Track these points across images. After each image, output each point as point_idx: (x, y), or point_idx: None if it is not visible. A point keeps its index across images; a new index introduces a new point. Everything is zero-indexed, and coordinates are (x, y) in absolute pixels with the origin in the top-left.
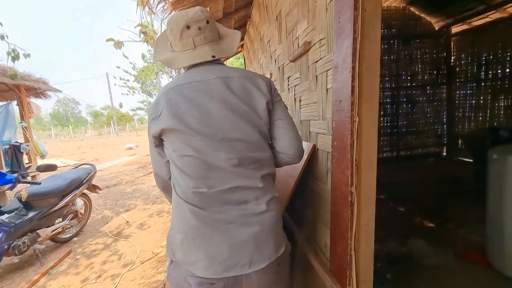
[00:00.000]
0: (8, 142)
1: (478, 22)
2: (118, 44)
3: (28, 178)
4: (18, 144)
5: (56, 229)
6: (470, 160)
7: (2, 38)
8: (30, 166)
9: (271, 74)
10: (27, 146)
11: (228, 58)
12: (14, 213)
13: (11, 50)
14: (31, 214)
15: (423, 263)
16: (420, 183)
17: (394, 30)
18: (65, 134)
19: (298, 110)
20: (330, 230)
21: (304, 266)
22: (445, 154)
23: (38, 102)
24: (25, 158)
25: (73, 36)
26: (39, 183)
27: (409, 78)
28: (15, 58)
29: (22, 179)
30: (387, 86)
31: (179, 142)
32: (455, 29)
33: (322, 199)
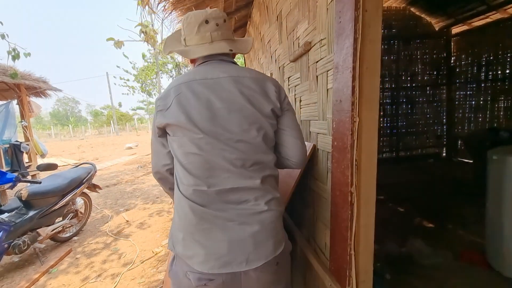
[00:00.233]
0: (8, 141)
1: (478, 22)
2: (118, 43)
3: (28, 177)
4: (18, 143)
5: (56, 228)
6: (469, 161)
7: (3, 37)
8: (30, 165)
9: (271, 74)
10: (27, 145)
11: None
12: (14, 212)
13: (12, 49)
14: (31, 213)
15: (423, 264)
16: (419, 184)
17: (394, 30)
18: (65, 134)
19: (299, 110)
20: (330, 230)
21: (304, 265)
22: (444, 154)
23: (38, 101)
24: (25, 157)
25: (73, 34)
26: (40, 182)
27: (409, 78)
28: (16, 57)
29: (22, 178)
30: (387, 86)
31: (185, 139)
32: (455, 29)
33: (322, 199)
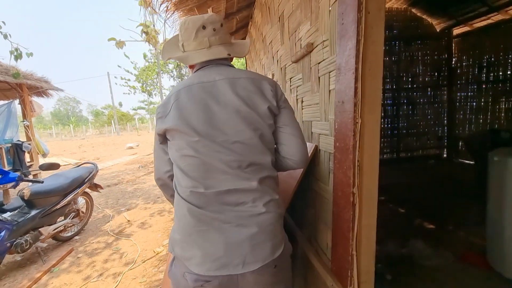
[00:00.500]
0: (10, 140)
1: (479, 24)
2: (120, 43)
3: (30, 177)
4: (20, 142)
5: (58, 227)
6: (470, 162)
7: (5, 37)
8: (31, 165)
9: (273, 75)
10: (29, 144)
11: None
12: (16, 211)
13: (14, 49)
14: (34, 212)
15: (423, 265)
16: (420, 185)
17: (395, 31)
18: (66, 133)
19: (300, 111)
20: (331, 230)
21: (305, 266)
22: (445, 156)
23: (39, 101)
24: (27, 157)
25: (74, 35)
26: (42, 182)
27: (410, 79)
28: (18, 57)
29: (25, 178)
30: (388, 87)
31: (182, 142)
32: (457, 30)
33: (324, 200)
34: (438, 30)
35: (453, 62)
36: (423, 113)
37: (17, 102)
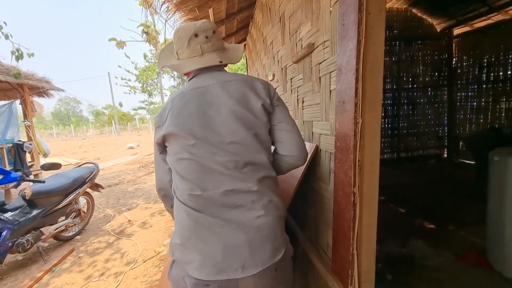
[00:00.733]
0: (11, 140)
1: (480, 24)
2: (120, 44)
3: (31, 177)
4: (21, 142)
5: (59, 227)
6: (471, 162)
7: (7, 37)
8: (32, 165)
9: (274, 75)
10: (30, 144)
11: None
12: (18, 211)
13: (15, 50)
14: (35, 212)
15: (424, 264)
16: (420, 185)
17: (395, 31)
18: (66, 133)
19: (301, 110)
20: (332, 230)
21: (306, 265)
22: (446, 156)
23: (40, 101)
24: (27, 157)
25: (75, 35)
26: (43, 182)
27: (410, 79)
28: (19, 57)
29: (26, 178)
30: (389, 87)
31: (178, 147)
32: (457, 31)
33: (325, 199)
34: (438, 30)
35: (453, 62)
36: (424, 113)
37: (18, 102)
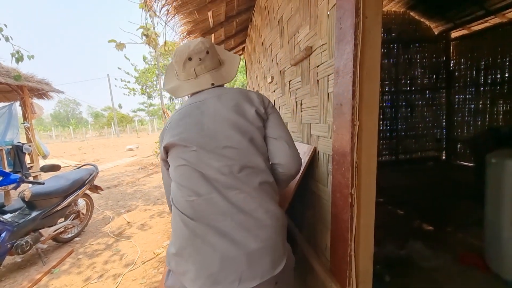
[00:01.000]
0: (10, 142)
1: (477, 27)
2: (120, 45)
3: (30, 178)
4: (20, 144)
5: (58, 228)
6: (469, 163)
7: (7, 39)
8: (32, 166)
9: (272, 78)
10: (30, 146)
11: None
12: (17, 212)
13: (16, 52)
14: (34, 213)
15: (422, 266)
16: (419, 187)
17: (394, 34)
18: (65, 135)
19: (300, 113)
20: (330, 231)
21: (304, 266)
22: (444, 157)
23: (40, 102)
24: (27, 159)
25: (74, 37)
26: (43, 183)
27: (408, 82)
28: (19, 59)
29: (26, 179)
30: (387, 90)
31: (176, 155)
32: (455, 33)
33: (323, 201)
34: (436, 33)
35: (451, 65)
36: (422, 115)
37: (17, 104)
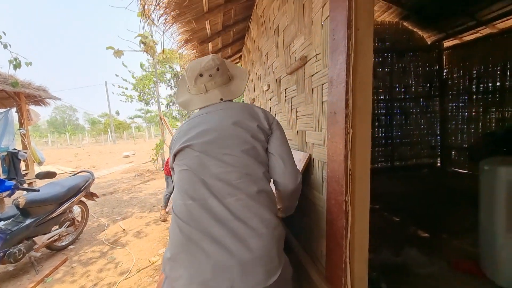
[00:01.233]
0: (6, 149)
1: (469, 37)
2: (118, 53)
3: (24, 185)
4: (16, 151)
5: (52, 236)
6: (464, 171)
7: (5, 47)
8: (27, 173)
9: (269, 86)
10: (25, 153)
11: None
12: (11, 220)
13: (13, 59)
14: (28, 221)
15: (418, 273)
16: (414, 194)
17: (387, 43)
18: (61, 141)
19: (295, 120)
20: (326, 238)
21: (301, 274)
22: (439, 165)
23: (37, 109)
24: (22, 165)
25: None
26: (38, 190)
27: (403, 90)
28: (17, 66)
29: (21, 186)
30: (382, 97)
31: (179, 161)
32: (447, 43)
33: (318, 208)
34: (429, 43)
35: (444, 74)
36: (416, 123)
37: (14, 110)
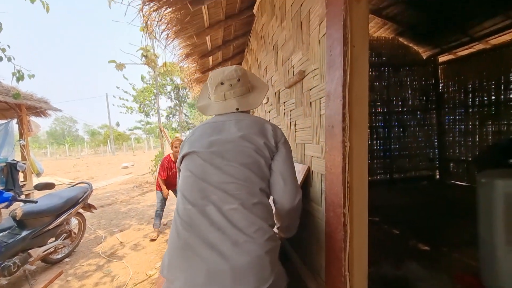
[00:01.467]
0: (4, 160)
1: (463, 52)
2: (120, 66)
3: (22, 197)
4: (15, 162)
5: (48, 249)
6: (463, 183)
7: (9, 59)
8: (25, 185)
9: (268, 99)
10: (24, 164)
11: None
12: (7, 232)
13: (17, 71)
14: (24, 233)
15: (419, 287)
16: (414, 206)
17: (384, 58)
18: (60, 152)
19: (294, 133)
20: (325, 251)
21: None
22: (438, 177)
23: (37, 120)
24: (20, 176)
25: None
26: (36, 202)
27: (400, 103)
28: (20, 78)
29: (18, 198)
30: (379, 110)
31: (185, 166)
32: (442, 58)
33: (317, 220)
34: (424, 57)
35: (440, 87)
36: (414, 135)
37: (14, 121)
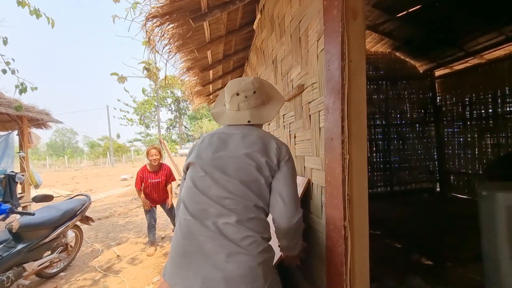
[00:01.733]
0: (3, 171)
1: (459, 66)
2: (122, 79)
3: (19, 209)
4: (13, 173)
5: (43, 263)
6: (463, 196)
7: (13, 72)
8: (22, 196)
9: None
10: (22, 176)
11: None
12: (2, 245)
13: (20, 84)
14: (20, 246)
15: None
16: (415, 219)
17: (382, 72)
18: (59, 164)
19: (293, 146)
20: (326, 265)
21: None
22: (438, 189)
23: (38, 132)
24: (18, 188)
25: (75, 69)
26: (33, 214)
27: (398, 116)
28: (23, 91)
29: (15, 210)
30: (378, 123)
31: (189, 176)
32: (439, 72)
33: (318, 233)
34: (421, 71)
35: (437, 101)
36: (413, 148)
37: (15, 133)
